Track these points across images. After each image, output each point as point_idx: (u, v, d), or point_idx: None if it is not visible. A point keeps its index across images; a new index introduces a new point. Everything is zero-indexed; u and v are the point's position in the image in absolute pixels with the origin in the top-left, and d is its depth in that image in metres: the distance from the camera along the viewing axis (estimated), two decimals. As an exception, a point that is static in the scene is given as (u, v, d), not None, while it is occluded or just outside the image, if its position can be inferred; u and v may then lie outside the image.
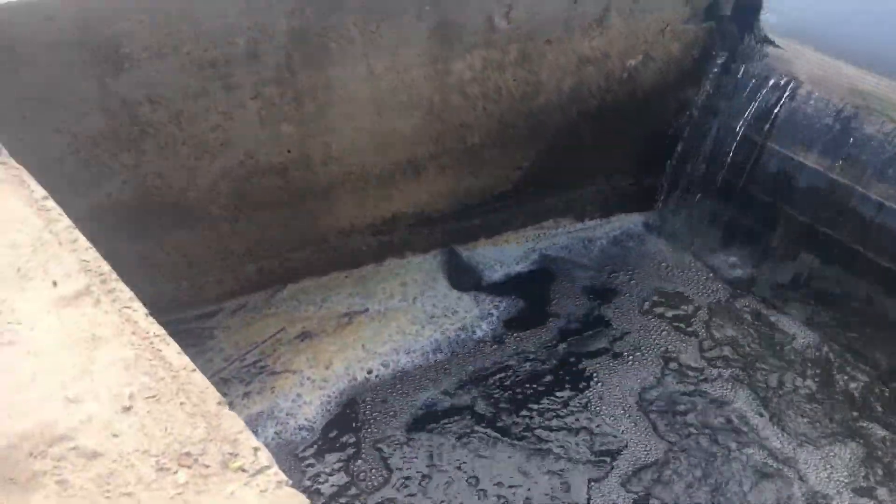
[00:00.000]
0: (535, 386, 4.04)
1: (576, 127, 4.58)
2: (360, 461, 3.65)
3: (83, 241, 2.01)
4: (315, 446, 3.70)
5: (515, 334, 4.33)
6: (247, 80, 3.57)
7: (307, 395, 3.91)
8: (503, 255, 4.83)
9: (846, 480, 3.63)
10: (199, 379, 1.57)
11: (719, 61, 4.57)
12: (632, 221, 5.12)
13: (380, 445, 3.71)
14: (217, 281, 4.19)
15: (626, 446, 3.75)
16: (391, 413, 3.88)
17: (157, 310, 1.89)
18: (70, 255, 1.96)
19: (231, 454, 1.41)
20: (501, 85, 4.22)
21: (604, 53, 4.34)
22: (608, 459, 3.69)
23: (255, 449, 1.41)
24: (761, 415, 3.92)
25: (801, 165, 4.21)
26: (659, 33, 4.39)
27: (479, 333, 4.32)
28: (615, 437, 3.80)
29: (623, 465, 3.67)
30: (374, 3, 3.63)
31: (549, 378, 4.09)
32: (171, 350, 1.65)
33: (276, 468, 1.38)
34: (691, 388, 4.06)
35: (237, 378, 3.92)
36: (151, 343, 1.68)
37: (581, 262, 4.84)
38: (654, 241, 5.01)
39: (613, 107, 4.59)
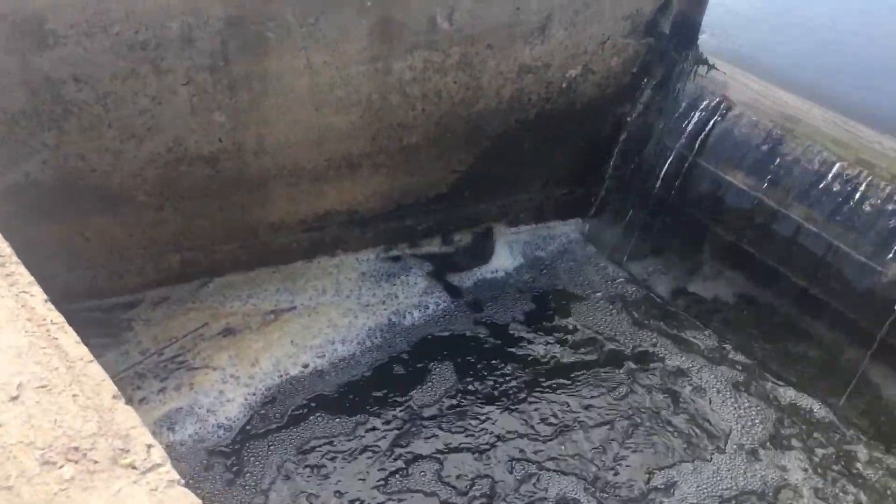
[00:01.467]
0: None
1: (514, 134, 4.59)
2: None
3: (-15, 220, 1.91)
4: (233, 445, 3.61)
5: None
6: (179, 65, 3.47)
7: (230, 393, 3.82)
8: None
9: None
10: (96, 370, 1.50)
11: (656, 79, 4.65)
12: (564, 230, 5.15)
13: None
14: (139, 270, 4.06)
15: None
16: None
17: (73, 297, 1.81)
18: (-31, 234, 1.86)
19: (122, 450, 1.35)
20: (442, 88, 4.20)
21: (545, 63, 4.36)
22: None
23: (149, 446, 1.35)
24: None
25: (728, 184, 4.31)
26: (599, 46, 4.44)
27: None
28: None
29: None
30: (315, -6, 3.58)
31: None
32: (69, 339, 1.58)
33: (168, 466, 1.32)
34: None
35: (153, 373, 3.79)
36: (48, 331, 1.59)
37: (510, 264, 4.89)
38: (584, 249, 5.05)
39: (552, 117, 4.61)
